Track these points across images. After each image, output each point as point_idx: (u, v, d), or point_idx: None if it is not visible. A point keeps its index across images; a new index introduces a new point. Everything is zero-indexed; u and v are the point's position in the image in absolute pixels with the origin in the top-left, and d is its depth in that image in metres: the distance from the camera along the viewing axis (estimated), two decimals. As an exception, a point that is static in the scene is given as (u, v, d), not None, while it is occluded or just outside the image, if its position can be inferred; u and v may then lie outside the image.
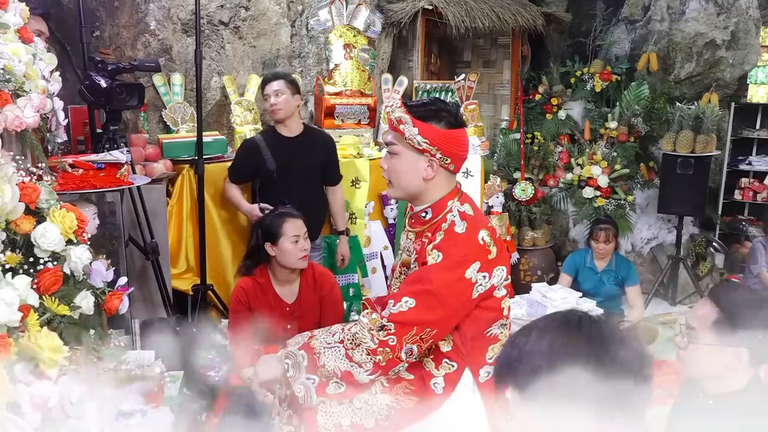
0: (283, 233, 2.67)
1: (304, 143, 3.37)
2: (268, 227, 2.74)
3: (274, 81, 3.30)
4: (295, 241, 2.69)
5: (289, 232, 2.68)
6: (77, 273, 1.50)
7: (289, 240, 2.68)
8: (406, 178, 1.80)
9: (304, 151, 3.36)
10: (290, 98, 3.31)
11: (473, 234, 1.73)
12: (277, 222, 2.72)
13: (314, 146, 3.41)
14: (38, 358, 1.23)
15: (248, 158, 3.32)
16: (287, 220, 2.72)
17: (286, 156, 3.30)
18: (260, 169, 3.30)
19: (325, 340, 1.80)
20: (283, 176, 3.29)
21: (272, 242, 2.70)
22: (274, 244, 2.70)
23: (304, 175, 3.37)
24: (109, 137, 2.73)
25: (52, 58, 1.99)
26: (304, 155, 3.35)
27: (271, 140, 3.32)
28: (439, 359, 1.79)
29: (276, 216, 2.79)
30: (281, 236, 2.68)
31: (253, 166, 3.32)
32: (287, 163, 3.30)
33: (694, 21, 5.10)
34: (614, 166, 5.08)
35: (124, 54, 3.52)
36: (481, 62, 5.72)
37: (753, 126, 5.77)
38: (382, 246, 4.18)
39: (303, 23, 4.21)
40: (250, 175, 3.38)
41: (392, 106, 1.55)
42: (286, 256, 2.69)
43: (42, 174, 1.59)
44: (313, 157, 3.40)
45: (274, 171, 3.28)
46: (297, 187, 3.32)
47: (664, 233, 5.14)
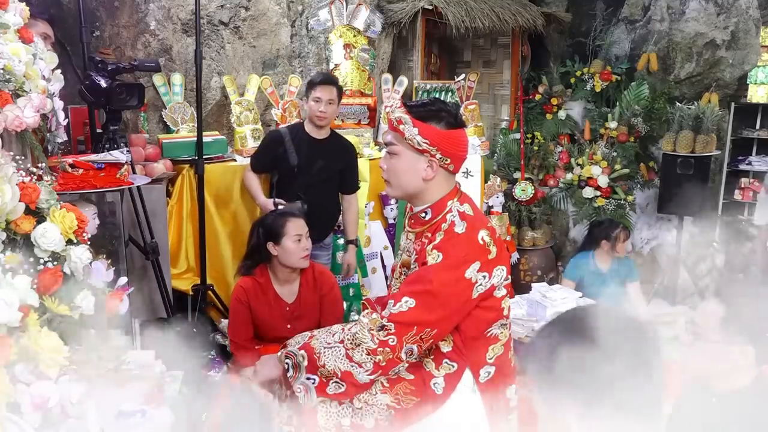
0: (286, 232, 2.68)
1: (328, 146, 3.40)
2: (270, 226, 2.73)
3: (329, 86, 3.28)
4: (298, 240, 2.69)
5: (292, 231, 2.68)
6: (77, 273, 1.50)
7: (292, 239, 2.68)
8: (405, 178, 1.80)
9: (327, 154, 3.37)
10: (336, 108, 3.37)
11: (473, 234, 1.73)
12: (280, 221, 2.72)
13: (337, 151, 3.44)
14: (38, 358, 1.23)
15: (271, 148, 3.34)
16: (290, 220, 2.72)
17: (309, 155, 3.33)
18: (281, 162, 3.32)
19: (325, 340, 1.80)
20: (303, 173, 3.31)
21: (274, 241, 2.70)
22: (276, 243, 2.70)
23: (323, 177, 3.38)
24: (109, 137, 2.73)
25: (52, 58, 1.99)
26: (326, 157, 3.37)
27: (297, 136, 3.35)
28: (439, 359, 1.79)
29: (278, 216, 2.79)
30: (284, 235, 2.68)
31: (274, 157, 3.33)
32: (309, 161, 3.33)
33: (694, 21, 5.09)
34: (614, 166, 5.08)
35: (124, 54, 3.52)
36: (481, 62, 5.72)
37: (753, 126, 5.77)
38: (382, 246, 4.18)
39: (303, 23, 4.21)
40: (270, 166, 3.39)
41: (392, 107, 1.54)
42: (289, 255, 2.70)
43: (42, 174, 1.59)
44: (335, 161, 3.41)
45: (295, 166, 3.30)
46: (315, 187, 3.33)
47: (664, 233, 5.14)
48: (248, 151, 3.71)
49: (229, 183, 3.57)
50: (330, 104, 3.28)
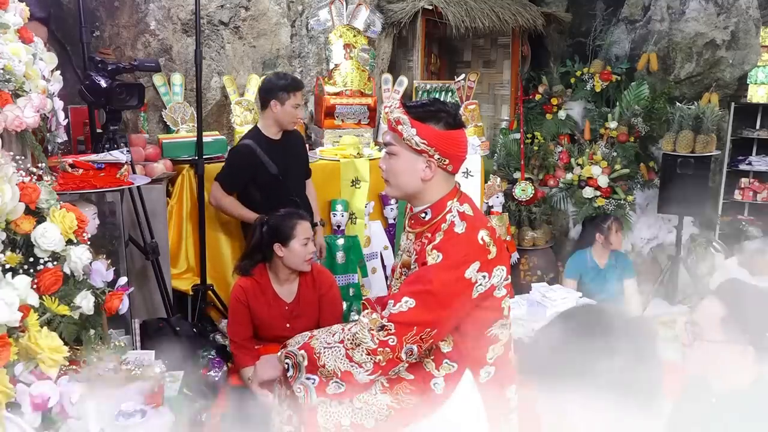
0: (295, 235, 2.66)
1: (288, 142, 3.36)
2: (278, 227, 2.70)
3: (300, 91, 3.26)
4: (305, 244, 2.68)
5: (301, 234, 2.67)
6: (77, 273, 1.50)
7: (300, 242, 2.67)
8: (404, 178, 1.80)
9: (290, 149, 3.35)
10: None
11: (473, 234, 1.73)
12: (289, 223, 2.68)
13: (296, 144, 3.45)
14: (38, 358, 1.24)
15: (246, 163, 3.22)
16: (299, 223, 2.69)
17: (281, 157, 3.27)
18: (260, 174, 3.22)
19: (325, 340, 1.80)
20: (284, 176, 3.27)
21: (282, 243, 2.68)
22: (283, 245, 2.68)
23: (299, 173, 3.40)
24: (109, 137, 2.74)
25: (52, 58, 1.99)
26: (293, 154, 3.37)
27: (262, 143, 3.24)
28: (439, 360, 1.79)
29: (286, 216, 2.74)
30: (293, 238, 2.66)
31: (252, 171, 3.22)
32: (285, 163, 3.28)
33: (694, 21, 5.09)
34: (614, 166, 5.08)
35: (124, 54, 3.52)
36: (481, 62, 5.72)
37: (753, 126, 5.77)
38: (382, 246, 4.18)
39: (303, 23, 4.21)
40: (246, 183, 3.27)
41: (391, 107, 1.54)
42: (294, 258, 2.69)
43: (42, 174, 1.59)
44: (298, 153, 3.43)
45: (278, 174, 3.23)
46: (297, 186, 3.34)
47: (664, 233, 5.14)
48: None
49: (229, 183, 3.57)
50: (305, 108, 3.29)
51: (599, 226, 4.02)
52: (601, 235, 3.96)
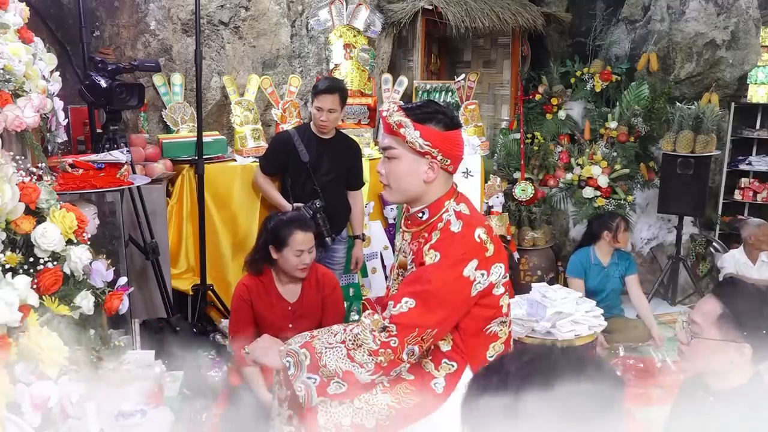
0: (289, 244, 2.64)
1: (335, 145, 3.45)
2: (276, 231, 2.69)
3: (330, 95, 3.28)
4: (298, 255, 2.66)
5: (295, 245, 2.64)
6: (77, 273, 1.50)
7: (293, 253, 2.65)
8: (407, 181, 1.80)
9: (335, 153, 3.43)
10: (339, 115, 3.39)
11: (469, 232, 1.73)
12: (287, 231, 2.66)
13: (344, 149, 3.50)
14: (38, 358, 1.24)
15: (282, 148, 3.39)
16: (296, 233, 2.65)
17: (319, 153, 3.38)
18: (293, 160, 3.36)
19: (327, 340, 1.80)
20: (316, 171, 3.36)
21: (277, 248, 2.69)
22: (278, 249, 2.69)
23: (334, 175, 3.44)
24: (109, 137, 2.74)
25: (52, 58, 1.99)
26: (334, 156, 3.43)
27: (305, 135, 3.40)
28: (438, 359, 1.79)
29: (286, 222, 2.72)
30: (286, 246, 2.65)
31: (286, 157, 3.37)
32: (319, 159, 3.37)
33: (694, 21, 5.09)
34: (614, 166, 5.08)
35: (124, 54, 3.52)
36: (481, 62, 5.72)
37: (753, 126, 5.76)
38: (382, 246, 4.18)
39: (303, 23, 4.21)
40: (282, 166, 3.42)
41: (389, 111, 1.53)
42: (286, 265, 2.69)
43: (42, 174, 1.59)
44: (342, 160, 3.48)
45: (307, 163, 3.34)
46: (328, 185, 3.39)
47: (664, 233, 5.13)
48: (248, 151, 3.71)
49: (229, 183, 3.57)
50: (331, 113, 3.31)
51: (607, 223, 3.97)
52: (609, 233, 3.92)
